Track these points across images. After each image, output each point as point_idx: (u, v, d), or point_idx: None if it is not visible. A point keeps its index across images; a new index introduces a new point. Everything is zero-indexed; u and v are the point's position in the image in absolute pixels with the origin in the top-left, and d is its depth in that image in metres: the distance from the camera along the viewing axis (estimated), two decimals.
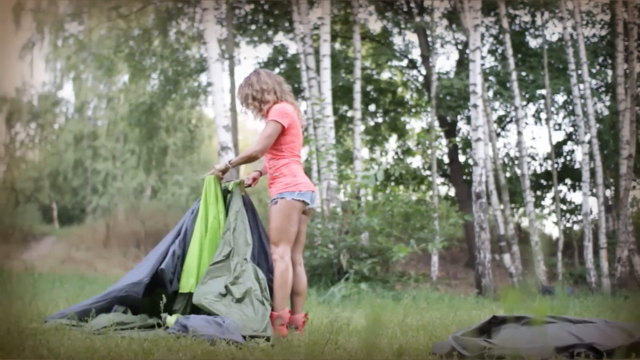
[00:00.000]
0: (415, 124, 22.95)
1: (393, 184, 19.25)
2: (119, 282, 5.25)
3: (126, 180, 28.80)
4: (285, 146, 5.17)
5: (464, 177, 19.09)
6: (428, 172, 19.77)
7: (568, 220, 19.71)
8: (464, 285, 15.91)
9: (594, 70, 17.08)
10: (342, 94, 18.20)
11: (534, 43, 18.27)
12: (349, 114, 19.42)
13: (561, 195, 19.20)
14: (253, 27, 18.93)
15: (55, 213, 31.49)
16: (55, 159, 30.24)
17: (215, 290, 4.87)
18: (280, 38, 19.51)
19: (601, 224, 14.03)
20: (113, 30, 19.95)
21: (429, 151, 15.95)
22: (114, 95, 29.30)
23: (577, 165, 18.27)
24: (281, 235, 5.08)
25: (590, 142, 14.43)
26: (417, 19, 17.34)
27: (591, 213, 15.05)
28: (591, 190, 15.15)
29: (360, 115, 15.03)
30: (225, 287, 4.87)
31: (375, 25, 26.04)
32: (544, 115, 18.33)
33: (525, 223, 21.54)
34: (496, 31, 18.29)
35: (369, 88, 19.95)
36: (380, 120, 21.46)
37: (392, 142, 22.69)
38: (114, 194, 28.90)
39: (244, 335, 4.46)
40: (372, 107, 20.79)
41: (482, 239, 11.88)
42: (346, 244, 11.11)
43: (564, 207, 19.29)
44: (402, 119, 21.62)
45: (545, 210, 21.25)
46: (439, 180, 20.47)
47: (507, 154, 19.77)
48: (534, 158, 19.89)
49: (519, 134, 14.94)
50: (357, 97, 14.64)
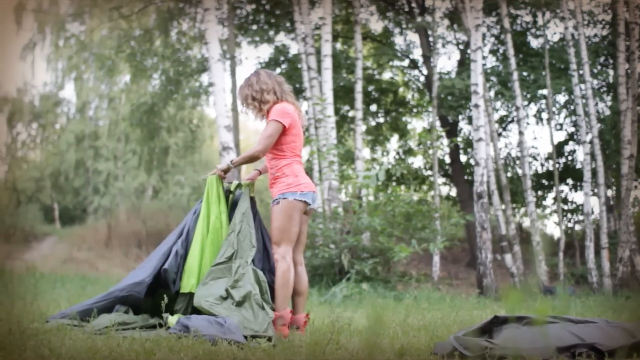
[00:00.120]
0: (416, 124, 22.96)
1: (394, 184, 19.23)
2: (120, 282, 5.25)
3: (127, 181, 28.81)
4: (286, 146, 5.18)
5: (466, 177, 19.09)
6: (429, 172, 19.77)
7: (569, 220, 19.70)
8: (465, 285, 15.90)
9: (595, 70, 17.06)
10: (344, 94, 18.19)
11: (535, 43, 18.25)
12: (351, 114, 19.41)
13: (563, 195, 19.19)
14: (254, 27, 18.93)
15: (56, 213, 31.50)
16: (57, 159, 30.26)
17: (216, 293, 4.86)
18: (281, 38, 19.50)
19: (603, 224, 14.02)
20: (114, 30, 19.96)
21: (431, 151, 15.94)
22: (116, 96, 29.32)
23: (579, 165, 18.25)
24: (283, 235, 5.08)
25: (591, 142, 14.42)
26: (419, 19, 17.33)
27: (593, 213, 15.04)
28: (593, 190, 15.14)
29: (361, 115, 15.03)
30: (226, 291, 4.86)
31: (376, 25, 26.01)
32: (545, 115, 18.33)
33: (526, 223, 21.56)
34: (497, 31, 18.28)
35: (371, 88, 19.94)
36: (381, 120, 21.45)
37: (394, 142, 22.72)
38: (115, 194, 28.91)
39: (245, 336, 4.46)
40: (374, 107, 20.77)
41: (484, 239, 11.88)
42: (347, 244, 11.10)
43: (566, 207, 19.28)
44: (404, 119, 21.62)
45: (547, 210, 21.26)
46: (441, 180, 20.46)
47: (509, 154, 19.76)
48: (535, 158, 19.88)
49: (521, 134, 14.93)
50: (359, 97, 14.65)
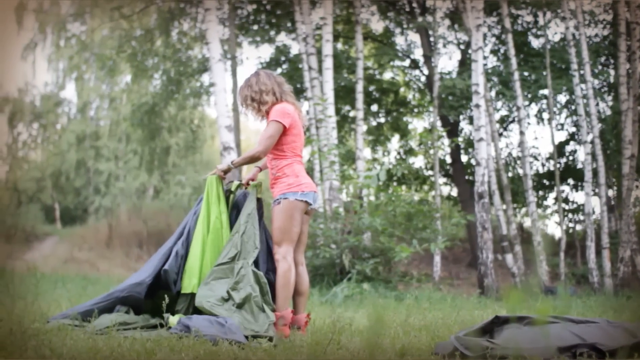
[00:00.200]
0: (417, 124, 22.98)
1: (395, 184, 19.23)
2: (122, 284, 5.26)
3: (128, 181, 28.82)
4: (286, 146, 5.18)
5: (467, 177, 19.08)
6: (430, 172, 19.76)
7: (570, 220, 19.69)
8: (466, 285, 15.90)
9: (596, 70, 17.06)
10: (345, 94, 18.19)
11: (536, 43, 18.24)
12: (351, 114, 19.40)
13: (563, 195, 19.18)
14: (255, 27, 18.93)
15: (57, 213, 31.53)
16: (58, 159, 30.27)
17: (217, 294, 4.86)
18: (282, 38, 19.50)
19: (604, 223, 14.02)
20: (115, 30, 19.97)
21: (432, 151, 15.93)
22: (117, 96, 29.32)
23: (580, 165, 18.26)
24: (284, 235, 5.08)
25: (592, 142, 14.42)
26: (420, 19, 17.33)
27: (594, 213, 15.03)
28: (594, 190, 15.14)
29: (362, 115, 15.02)
30: (227, 292, 4.86)
31: (377, 25, 26.07)
32: (546, 115, 18.33)
33: (527, 223, 21.54)
34: (498, 31, 18.28)
35: (371, 88, 19.93)
36: (382, 120, 21.45)
37: (395, 142, 22.71)
38: (116, 194, 28.92)
39: (246, 336, 4.46)
40: (375, 107, 20.76)
41: (485, 239, 11.88)
42: (348, 244, 11.10)
43: (567, 207, 19.28)
44: (405, 119, 21.62)
45: (548, 210, 21.24)
46: (442, 180, 20.46)
47: (510, 154, 19.75)
48: (536, 158, 19.88)
49: (522, 133, 14.93)
50: (360, 97, 14.64)
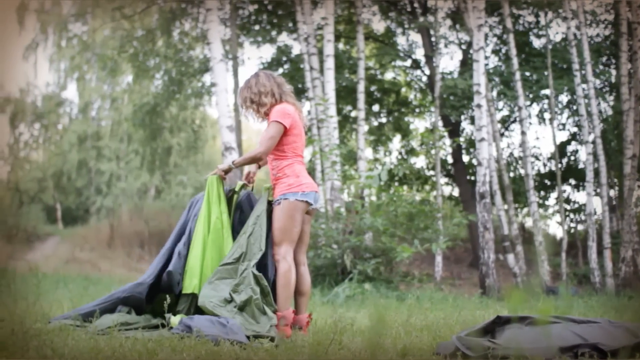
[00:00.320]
0: (419, 124, 22.95)
1: (397, 184, 19.23)
2: (123, 286, 5.27)
3: (130, 181, 28.85)
4: (287, 147, 5.18)
5: (468, 177, 19.07)
6: (432, 172, 19.78)
7: (572, 220, 19.68)
8: (467, 285, 15.89)
9: (597, 70, 17.04)
10: (346, 94, 18.19)
11: (537, 43, 18.23)
12: (353, 114, 19.41)
13: (565, 195, 19.17)
14: (257, 28, 18.94)
15: (59, 213, 31.56)
16: (59, 159, 30.31)
17: (220, 295, 4.85)
18: (283, 38, 19.50)
19: (605, 224, 14.01)
20: (117, 30, 19.99)
21: (433, 151, 15.95)
22: (118, 96, 29.35)
23: (581, 165, 18.23)
24: (284, 235, 5.08)
25: (594, 142, 14.41)
26: (421, 19, 17.33)
27: (595, 213, 15.02)
28: (595, 190, 15.12)
29: (363, 116, 15.02)
30: (230, 294, 4.86)
31: (378, 26, 26.07)
32: (547, 115, 18.31)
33: (529, 223, 21.52)
34: (500, 31, 18.27)
35: (373, 88, 19.93)
36: (383, 120, 21.45)
37: (396, 142, 22.71)
38: (117, 195, 28.95)
39: (247, 336, 4.46)
40: (376, 107, 20.76)
41: (486, 239, 11.87)
42: (350, 244, 11.10)
43: (568, 207, 19.26)
44: (406, 119, 21.62)
45: (549, 210, 21.25)
46: (443, 180, 20.45)
47: (511, 154, 19.74)
48: (537, 158, 19.86)
49: (523, 134, 14.92)
50: (361, 97, 14.64)
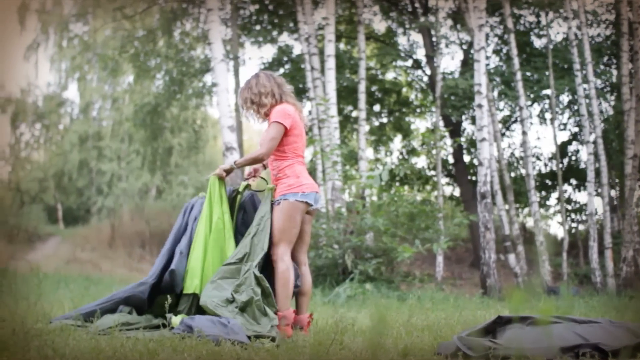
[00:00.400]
0: (420, 124, 22.95)
1: (398, 184, 19.22)
2: (125, 287, 5.29)
3: (131, 181, 28.87)
4: (287, 147, 5.18)
5: (469, 177, 19.06)
6: (433, 172, 19.76)
7: (573, 220, 19.67)
8: (469, 285, 15.88)
9: (598, 70, 17.04)
10: (347, 94, 18.18)
11: (538, 43, 18.23)
12: (354, 114, 19.41)
13: (566, 195, 19.16)
14: (258, 28, 18.94)
15: (60, 213, 31.58)
16: (60, 159, 30.33)
17: (223, 295, 4.86)
18: (284, 38, 19.51)
19: (606, 224, 14.01)
20: (118, 30, 19.98)
21: (434, 151, 15.94)
22: (119, 96, 29.36)
23: (582, 165, 18.22)
24: (282, 235, 5.08)
25: (595, 142, 14.40)
26: (422, 19, 17.33)
27: (596, 213, 15.00)
28: (596, 190, 15.11)
29: (364, 116, 15.02)
30: (232, 294, 4.86)
31: (379, 26, 26.00)
32: (548, 115, 18.29)
33: (530, 223, 21.52)
34: (501, 31, 18.27)
35: (374, 88, 19.92)
36: (384, 120, 21.44)
37: (397, 142, 22.70)
38: (119, 195, 28.97)
39: (249, 336, 4.46)
40: (377, 107, 20.76)
41: (487, 239, 11.87)
42: (351, 244, 11.10)
43: (569, 207, 19.25)
44: (407, 119, 21.61)
45: (550, 210, 21.23)
46: (444, 180, 20.44)
47: (512, 154, 19.73)
48: (538, 158, 19.85)
49: (524, 134, 14.92)
50: (362, 98, 14.63)
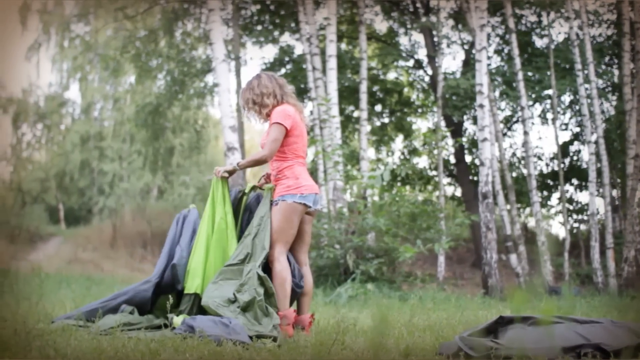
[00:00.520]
0: (421, 124, 22.96)
1: (399, 184, 19.23)
2: (127, 287, 5.30)
3: (133, 181, 28.88)
4: (287, 148, 5.17)
5: (471, 177, 19.06)
6: (434, 173, 19.75)
7: (575, 221, 19.67)
8: (470, 285, 15.88)
9: (600, 70, 17.04)
10: (348, 95, 18.19)
11: (540, 43, 18.24)
12: (355, 114, 19.41)
13: (568, 195, 19.15)
14: (259, 28, 18.94)
15: (61, 214, 31.58)
16: (62, 159, 30.34)
17: (224, 295, 4.86)
18: (286, 38, 19.54)
19: (608, 224, 14.00)
20: (119, 31, 19.98)
21: (435, 151, 15.94)
22: (121, 96, 29.37)
23: (584, 165, 18.21)
24: (279, 236, 5.09)
25: (596, 142, 14.40)
26: (423, 19, 17.33)
27: (598, 213, 15.00)
28: (598, 190, 15.11)
29: (366, 116, 15.01)
30: (234, 294, 4.86)
31: (381, 26, 26.04)
32: (550, 115, 18.29)
33: (531, 223, 21.51)
34: (502, 31, 18.26)
35: (375, 88, 19.92)
36: (386, 120, 21.44)
37: (399, 143, 22.70)
38: (120, 195, 28.98)
39: (250, 336, 4.46)
40: (378, 108, 20.76)
41: (489, 239, 11.86)
42: (353, 244, 11.10)
43: (571, 207, 19.24)
44: (408, 119, 21.61)
45: (552, 210, 21.19)
46: (446, 180, 20.44)
47: (514, 154, 19.73)
48: (540, 158, 19.84)
49: (526, 134, 14.91)
50: (363, 98, 14.63)
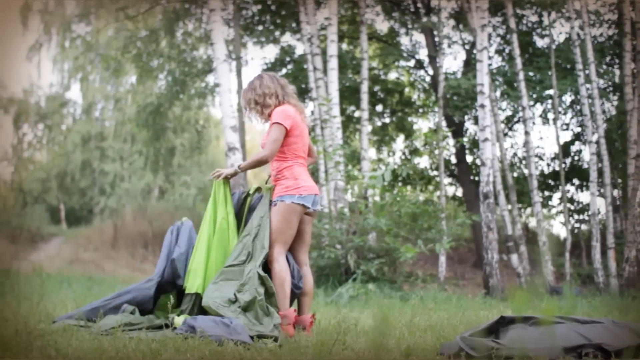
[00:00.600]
0: (422, 124, 22.97)
1: (400, 184, 19.23)
2: (128, 287, 5.31)
3: (134, 181, 28.88)
4: (287, 148, 5.17)
5: (472, 177, 19.04)
6: (435, 173, 19.74)
7: (576, 221, 19.66)
8: (471, 285, 15.88)
9: (601, 70, 17.02)
10: (349, 95, 18.19)
11: (541, 43, 18.23)
12: (356, 114, 19.40)
13: (569, 195, 19.14)
14: (260, 28, 18.94)
15: (63, 214, 31.60)
16: (63, 159, 30.35)
17: (225, 296, 4.86)
18: (287, 39, 19.52)
19: (609, 224, 13.99)
20: (120, 31, 19.98)
21: (437, 151, 15.93)
22: (122, 96, 29.38)
23: (585, 165, 18.21)
24: (277, 236, 5.09)
25: (597, 142, 14.39)
26: (424, 19, 17.32)
27: (599, 213, 15.00)
28: (599, 190, 15.11)
29: (367, 116, 15.01)
30: (234, 294, 4.87)
31: (382, 26, 26.01)
32: (551, 115, 18.28)
33: (532, 223, 21.49)
34: (503, 31, 18.25)
35: (376, 88, 19.93)
36: (387, 120, 21.44)
37: (400, 143, 22.70)
38: (121, 195, 28.99)
39: (251, 336, 4.46)
40: (379, 108, 20.76)
41: (490, 239, 11.86)
42: (354, 244, 11.10)
43: (572, 207, 19.24)
44: (410, 119, 21.59)
45: (553, 210, 21.20)
46: (447, 180, 20.43)
47: (515, 154, 19.73)
48: (541, 158, 19.83)
49: (527, 134, 14.91)
50: (364, 98, 14.62)
